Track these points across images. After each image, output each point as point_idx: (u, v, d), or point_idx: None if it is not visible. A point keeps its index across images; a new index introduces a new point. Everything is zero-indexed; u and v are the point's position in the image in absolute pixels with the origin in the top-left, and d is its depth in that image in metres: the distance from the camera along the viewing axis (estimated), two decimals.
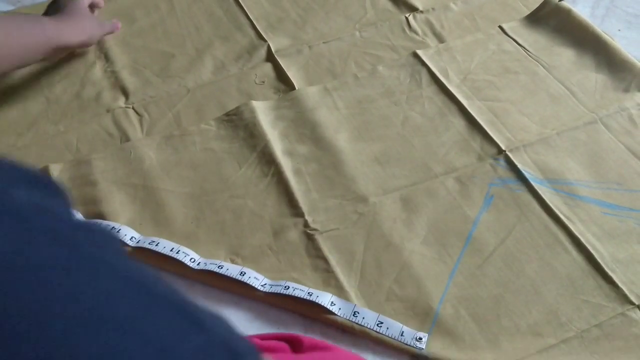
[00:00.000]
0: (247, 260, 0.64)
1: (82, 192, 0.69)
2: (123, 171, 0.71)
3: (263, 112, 0.78)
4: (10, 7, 0.94)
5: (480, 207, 0.69)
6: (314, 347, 0.54)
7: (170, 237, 0.66)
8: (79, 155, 0.73)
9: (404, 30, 0.91)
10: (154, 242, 0.64)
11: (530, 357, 0.57)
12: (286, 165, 0.72)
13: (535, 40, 0.89)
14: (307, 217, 0.68)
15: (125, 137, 0.75)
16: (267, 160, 0.73)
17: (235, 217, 0.68)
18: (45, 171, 0.71)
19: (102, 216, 0.67)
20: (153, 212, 0.68)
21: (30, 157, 0.73)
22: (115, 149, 0.73)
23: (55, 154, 0.73)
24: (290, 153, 0.74)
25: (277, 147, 0.74)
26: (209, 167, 0.73)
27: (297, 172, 0.72)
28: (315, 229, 0.67)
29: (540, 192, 0.69)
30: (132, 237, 0.65)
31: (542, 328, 0.59)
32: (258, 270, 0.64)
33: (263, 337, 0.55)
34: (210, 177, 0.72)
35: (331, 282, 0.63)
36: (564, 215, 0.67)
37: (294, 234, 0.67)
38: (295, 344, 0.55)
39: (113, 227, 0.65)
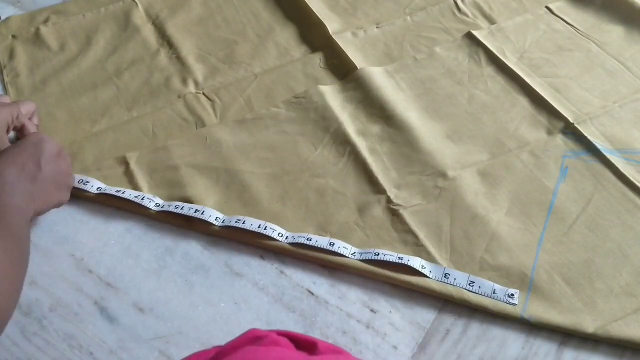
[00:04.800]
0: (336, 236, 0.65)
1: (165, 177, 0.70)
2: (202, 155, 0.72)
3: (331, 94, 0.79)
4: (10, 7, 0.93)
5: (557, 178, 0.71)
6: (327, 350, 0.52)
7: (259, 215, 0.66)
8: (156, 140, 0.73)
9: (453, 13, 0.93)
10: (239, 220, 0.65)
11: (627, 317, 0.59)
12: (361, 145, 0.73)
13: (583, 19, 0.91)
14: (389, 193, 0.69)
15: (200, 122, 0.75)
16: (342, 140, 0.74)
17: (319, 196, 0.69)
18: (122, 160, 0.71)
19: (188, 199, 0.67)
20: (238, 193, 0.69)
21: (107, 142, 0.73)
22: (191, 135, 0.74)
23: (132, 139, 0.73)
24: (363, 133, 0.75)
25: (350, 128, 0.75)
26: (286, 148, 0.73)
27: (373, 151, 0.73)
28: (399, 204, 0.68)
29: (613, 161, 0.71)
30: (216, 217, 0.65)
31: (634, 289, 0.61)
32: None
33: (279, 333, 0.53)
34: (288, 158, 0.73)
35: (422, 255, 0.64)
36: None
37: (378, 210, 0.68)
38: (308, 347, 0.53)
39: (197, 210, 0.65)
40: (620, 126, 0.76)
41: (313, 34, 0.88)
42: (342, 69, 0.83)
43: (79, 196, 0.68)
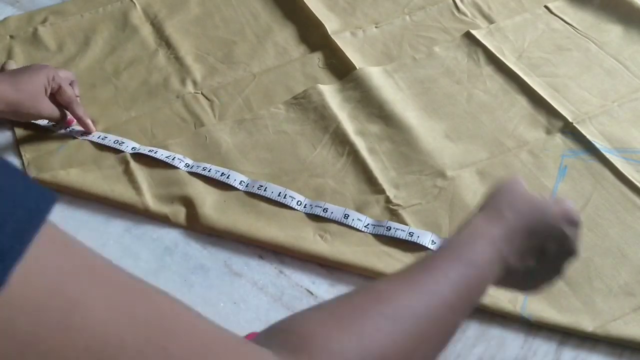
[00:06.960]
0: (335, 236, 0.65)
1: (164, 175, 0.70)
2: (202, 155, 0.72)
3: (330, 94, 0.79)
4: (9, 7, 0.93)
5: (556, 177, 0.71)
6: None
7: (259, 215, 0.67)
8: (155, 140, 0.73)
9: (452, 13, 0.93)
10: (262, 187, 0.69)
11: (626, 316, 0.59)
12: (360, 145, 0.73)
13: (581, 18, 0.91)
14: (388, 193, 0.69)
15: (199, 122, 0.75)
16: (341, 140, 0.74)
17: (318, 195, 0.69)
18: (122, 159, 0.71)
19: (188, 198, 0.67)
20: (238, 193, 0.69)
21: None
22: (190, 135, 0.74)
23: (130, 139, 0.73)
24: (362, 133, 0.75)
25: (349, 128, 0.75)
26: (285, 148, 0.74)
27: (372, 150, 0.73)
28: (398, 204, 0.68)
29: (612, 161, 0.71)
30: (241, 181, 0.69)
31: (633, 288, 0.61)
32: (347, 245, 0.65)
33: None
34: (287, 158, 0.73)
35: (422, 255, 0.64)
36: (638, 182, 0.69)
37: (377, 210, 0.68)
38: None
39: (223, 173, 0.70)
40: (619, 125, 0.76)
41: (312, 34, 0.88)
42: (341, 68, 0.83)
43: (80, 196, 0.68)
